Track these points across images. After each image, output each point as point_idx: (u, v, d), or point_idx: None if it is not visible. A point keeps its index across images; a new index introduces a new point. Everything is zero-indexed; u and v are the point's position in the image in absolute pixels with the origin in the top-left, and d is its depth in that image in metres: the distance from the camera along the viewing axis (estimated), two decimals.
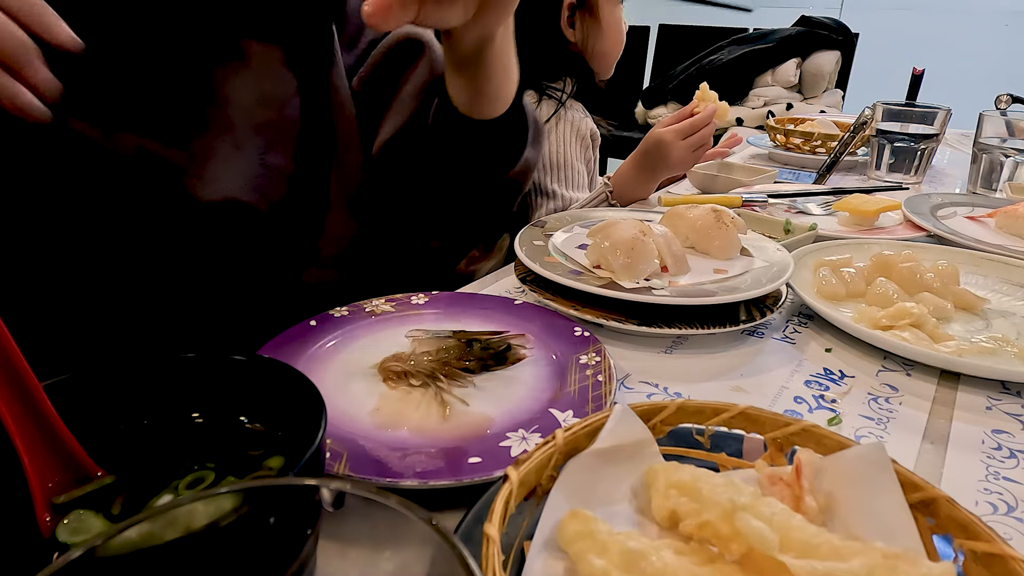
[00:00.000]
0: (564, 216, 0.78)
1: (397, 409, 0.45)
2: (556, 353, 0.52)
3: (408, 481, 0.37)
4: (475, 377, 0.49)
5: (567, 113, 1.16)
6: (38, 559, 0.28)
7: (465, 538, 0.31)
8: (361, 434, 0.42)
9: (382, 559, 0.21)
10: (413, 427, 0.43)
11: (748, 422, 0.36)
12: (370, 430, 0.42)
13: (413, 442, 0.41)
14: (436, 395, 0.46)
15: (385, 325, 0.57)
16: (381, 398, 0.46)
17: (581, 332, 0.55)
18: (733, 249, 0.67)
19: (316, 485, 0.21)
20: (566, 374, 0.49)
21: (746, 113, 2.52)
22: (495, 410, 0.45)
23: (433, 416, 0.44)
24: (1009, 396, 0.52)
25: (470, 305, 0.61)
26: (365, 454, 0.39)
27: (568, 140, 1.15)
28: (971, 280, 0.70)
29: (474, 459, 0.39)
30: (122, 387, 0.35)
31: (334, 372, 0.49)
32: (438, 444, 0.41)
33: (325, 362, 0.51)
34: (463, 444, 0.41)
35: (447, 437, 0.42)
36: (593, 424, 0.34)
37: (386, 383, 0.48)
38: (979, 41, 3.26)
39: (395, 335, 0.55)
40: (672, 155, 1.04)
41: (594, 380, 0.47)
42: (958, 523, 0.29)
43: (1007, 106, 1.33)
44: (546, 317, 0.58)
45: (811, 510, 0.30)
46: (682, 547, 0.29)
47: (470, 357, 0.50)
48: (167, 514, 0.20)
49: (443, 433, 0.42)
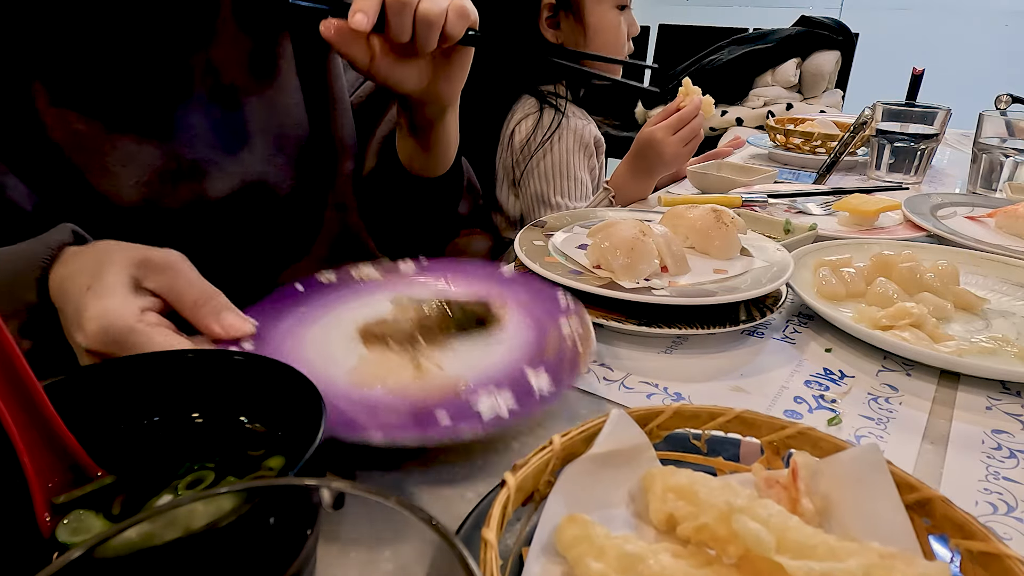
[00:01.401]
0: (564, 216, 0.78)
1: (374, 370, 0.45)
2: (538, 320, 0.52)
3: (375, 436, 0.37)
4: (454, 341, 0.48)
5: (569, 122, 1.14)
6: (38, 559, 0.28)
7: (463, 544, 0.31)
8: (335, 392, 0.41)
9: (382, 559, 0.21)
10: (387, 387, 0.43)
11: (744, 426, 0.36)
12: (345, 388, 0.42)
13: (385, 401, 0.41)
14: (413, 358, 0.46)
15: (371, 291, 0.56)
16: (360, 359, 0.46)
17: (566, 301, 0.54)
18: (733, 249, 0.67)
19: (316, 485, 0.21)
20: (545, 340, 0.48)
21: (746, 113, 2.52)
22: (470, 373, 0.45)
23: (408, 377, 0.44)
24: (1009, 396, 0.52)
25: (457, 273, 0.60)
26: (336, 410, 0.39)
27: (571, 150, 1.13)
28: (971, 280, 0.70)
29: (444, 418, 0.39)
30: (122, 387, 0.35)
31: (316, 334, 0.49)
32: (410, 403, 0.41)
33: (308, 325, 0.50)
34: (434, 404, 0.41)
35: (419, 397, 0.42)
36: (590, 429, 0.34)
37: (366, 345, 0.48)
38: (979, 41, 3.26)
39: (380, 301, 0.54)
40: (666, 151, 1.04)
41: (572, 345, 0.47)
42: (954, 523, 0.29)
43: (1007, 106, 1.33)
44: (533, 285, 0.57)
45: (808, 512, 0.31)
46: (680, 550, 0.29)
47: (449, 321, 0.50)
48: (167, 514, 0.20)
49: (416, 393, 0.42)
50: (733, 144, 1.50)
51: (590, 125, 1.18)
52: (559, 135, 1.13)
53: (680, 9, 3.46)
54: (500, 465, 0.43)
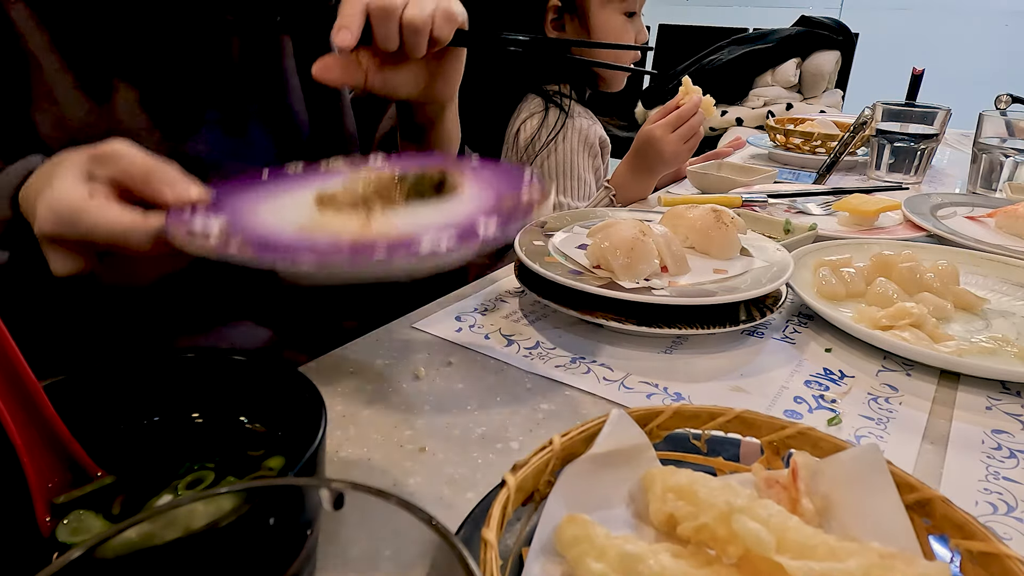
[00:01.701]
0: (564, 216, 0.78)
1: (322, 226, 0.43)
2: (496, 189, 0.48)
3: (305, 260, 0.35)
4: (409, 205, 0.46)
5: (575, 122, 1.14)
6: (38, 559, 0.28)
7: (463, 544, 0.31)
8: (278, 238, 0.40)
9: (382, 559, 0.21)
10: (333, 234, 0.40)
11: (744, 426, 0.36)
12: (290, 236, 0.40)
13: (326, 241, 0.39)
14: (365, 217, 0.44)
15: (336, 176, 0.53)
16: (309, 219, 0.44)
17: (531, 178, 0.49)
18: (733, 249, 0.67)
19: (316, 485, 0.21)
20: (502, 202, 0.45)
21: (746, 113, 2.52)
22: (420, 228, 0.42)
23: (356, 229, 0.42)
24: (1009, 396, 0.52)
25: (425, 161, 0.56)
26: (275, 244, 0.37)
27: (576, 150, 1.13)
28: (971, 280, 0.70)
29: (380, 250, 0.36)
30: (122, 387, 0.35)
31: (271, 204, 0.47)
32: (351, 241, 0.39)
33: (264, 196, 0.48)
34: (375, 240, 0.39)
35: (363, 237, 0.40)
36: (590, 429, 0.34)
37: (319, 209, 0.46)
38: (979, 41, 3.26)
39: (341, 179, 0.51)
40: (665, 149, 1.04)
41: (527, 200, 0.44)
42: (954, 523, 0.29)
43: (1007, 106, 1.33)
44: (499, 170, 0.53)
45: (808, 512, 0.31)
46: (679, 550, 0.29)
47: (406, 186, 0.47)
48: (167, 514, 0.20)
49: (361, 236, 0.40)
50: (733, 144, 1.50)
51: (595, 126, 1.18)
52: (564, 135, 1.13)
53: (680, 9, 3.46)
54: (500, 465, 0.43)
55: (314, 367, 0.55)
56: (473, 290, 0.70)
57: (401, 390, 0.52)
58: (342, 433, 0.46)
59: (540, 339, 0.60)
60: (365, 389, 0.52)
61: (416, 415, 0.48)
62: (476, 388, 0.52)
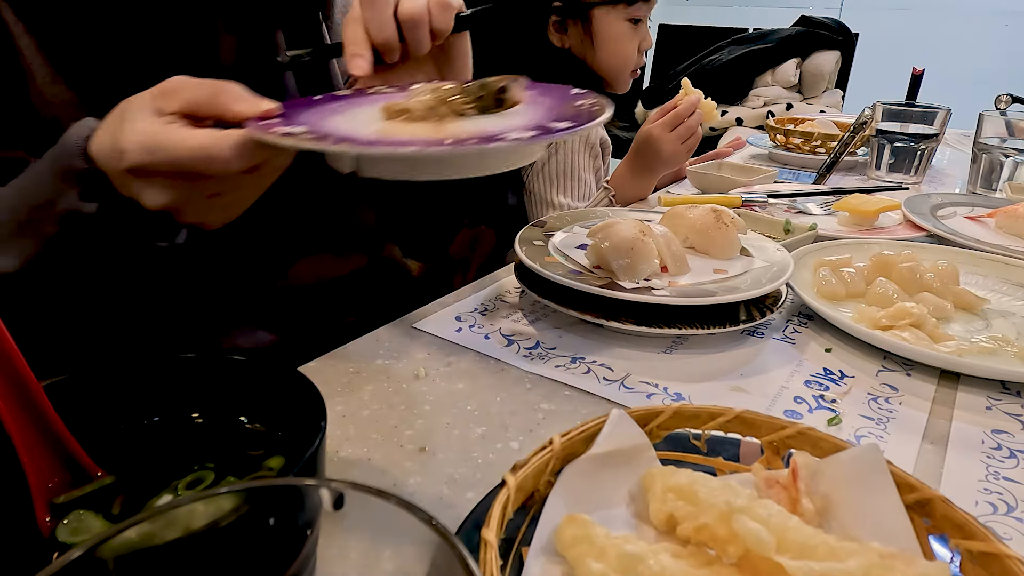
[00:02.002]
0: (564, 216, 0.78)
1: (399, 131, 0.44)
2: (553, 100, 0.50)
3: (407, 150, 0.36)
4: (475, 116, 0.47)
5: None
6: (38, 559, 0.28)
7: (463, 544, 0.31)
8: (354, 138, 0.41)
9: (382, 559, 0.21)
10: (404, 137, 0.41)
11: (744, 426, 0.36)
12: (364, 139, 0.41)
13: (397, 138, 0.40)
14: (436, 122, 0.45)
15: (388, 97, 0.53)
16: (381, 127, 0.45)
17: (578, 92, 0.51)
18: (733, 249, 0.67)
19: (316, 485, 0.21)
20: (565, 109, 0.47)
21: (746, 113, 2.52)
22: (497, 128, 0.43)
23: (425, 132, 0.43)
24: (1009, 396, 0.52)
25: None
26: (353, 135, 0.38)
27: (577, 150, 1.13)
28: (971, 280, 0.70)
29: (473, 141, 0.38)
30: (122, 387, 0.35)
31: (339, 114, 0.48)
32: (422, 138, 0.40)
33: (332, 108, 0.49)
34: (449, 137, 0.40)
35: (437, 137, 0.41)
36: (590, 429, 0.34)
37: (387, 120, 0.46)
38: (979, 41, 3.25)
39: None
40: (664, 148, 1.04)
41: (589, 107, 0.45)
42: (954, 523, 0.29)
43: (1007, 106, 1.33)
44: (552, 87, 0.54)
45: (808, 512, 0.31)
46: (680, 550, 0.29)
47: (471, 96, 0.48)
48: (167, 514, 0.20)
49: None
50: (733, 144, 1.50)
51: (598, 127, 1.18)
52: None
53: (680, 9, 3.45)
54: (500, 465, 0.43)
55: (314, 367, 0.55)
56: (473, 290, 0.70)
57: (401, 390, 0.52)
58: (342, 433, 0.46)
59: (540, 339, 0.60)
60: (365, 389, 0.52)
61: (416, 415, 0.48)
62: (476, 388, 0.52)
